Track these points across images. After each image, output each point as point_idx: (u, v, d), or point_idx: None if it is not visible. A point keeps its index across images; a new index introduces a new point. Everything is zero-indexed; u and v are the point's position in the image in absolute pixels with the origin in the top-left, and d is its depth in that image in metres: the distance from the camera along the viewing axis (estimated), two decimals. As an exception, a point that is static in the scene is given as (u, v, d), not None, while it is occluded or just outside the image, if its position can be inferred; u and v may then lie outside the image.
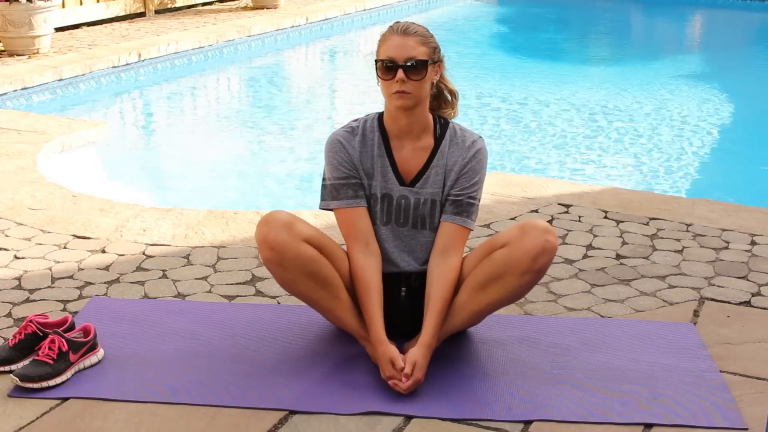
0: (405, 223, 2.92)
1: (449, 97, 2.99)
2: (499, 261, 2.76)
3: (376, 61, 2.82)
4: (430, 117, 2.93)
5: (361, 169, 2.89)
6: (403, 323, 2.95)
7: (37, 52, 8.63)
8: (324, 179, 2.93)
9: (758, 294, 3.51)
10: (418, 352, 2.75)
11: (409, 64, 2.76)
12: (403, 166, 2.90)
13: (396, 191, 2.90)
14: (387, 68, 2.78)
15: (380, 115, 2.94)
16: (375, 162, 2.90)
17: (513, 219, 4.25)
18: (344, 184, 2.88)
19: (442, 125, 2.94)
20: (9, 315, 3.27)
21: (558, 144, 7.12)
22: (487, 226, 4.15)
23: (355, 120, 2.96)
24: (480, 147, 2.91)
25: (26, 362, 2.84)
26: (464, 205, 2.88)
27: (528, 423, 2.62)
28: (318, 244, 2.80)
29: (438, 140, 2.91)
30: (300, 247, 2.74)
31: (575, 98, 8.66)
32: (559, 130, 7.54)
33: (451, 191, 2.89)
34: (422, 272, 2.95)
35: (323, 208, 2.94)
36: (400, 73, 2.76)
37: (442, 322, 2.82)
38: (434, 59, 2.84)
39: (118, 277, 3.61)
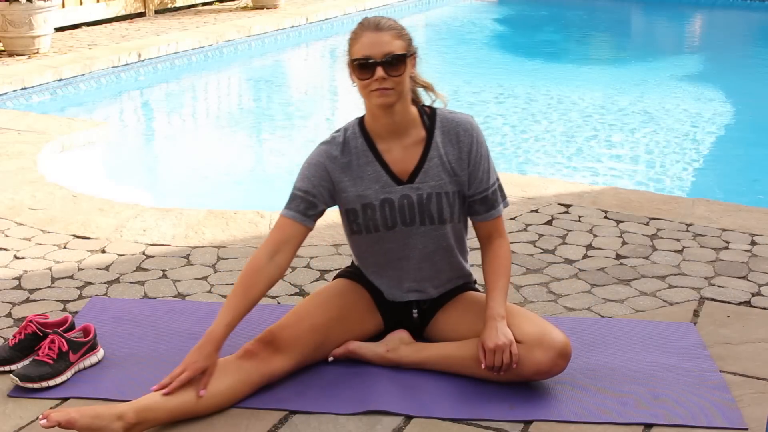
0: (412, 222, 2.81)
1: (423, 91, 2.88)
2: None
3: (351, 60, 2.70)
4: (414, 109, 2.81)
5: (340, 182, 2.78)
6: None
7: (37, 52, 8.64)
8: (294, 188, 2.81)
9: (758, 294, 3.51)
10: (499, 322, 2.71)
11: (387, 60, 2.64)
12: (397, 166, 2.80)
13: (396, 192, 2.79)
14: (363, 67, 2.65)
15: (360, 120, 2.83)
16: (364, 171, 2.79)
17: (513, 219, 4.24)
18: (302, 197, 2.77)
19: (429, 115, 2.82)
20: (9, 315, 3.28)
21: (558, 144, 7.12)
22: (487, 226, 4.14)
23: (337, 131, 2.84)
24: (473, 128, 2.80)
25: (26, 362, 2.84)
26: (490, 197, 2.84)
27: (528, 423, 2.62)
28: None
29: (429, 131, 2.80)
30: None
31: (575, 98, 8.65)
32: (560, 129, 7.54)
33: (474, 192, 2.82)
34: (434, 298, 2.94)
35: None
36: (380, 71, 2.63)
37: (506, 295, 2.80)
38: (410, 51, 2.72)
39: (118, 277, 3.61)
